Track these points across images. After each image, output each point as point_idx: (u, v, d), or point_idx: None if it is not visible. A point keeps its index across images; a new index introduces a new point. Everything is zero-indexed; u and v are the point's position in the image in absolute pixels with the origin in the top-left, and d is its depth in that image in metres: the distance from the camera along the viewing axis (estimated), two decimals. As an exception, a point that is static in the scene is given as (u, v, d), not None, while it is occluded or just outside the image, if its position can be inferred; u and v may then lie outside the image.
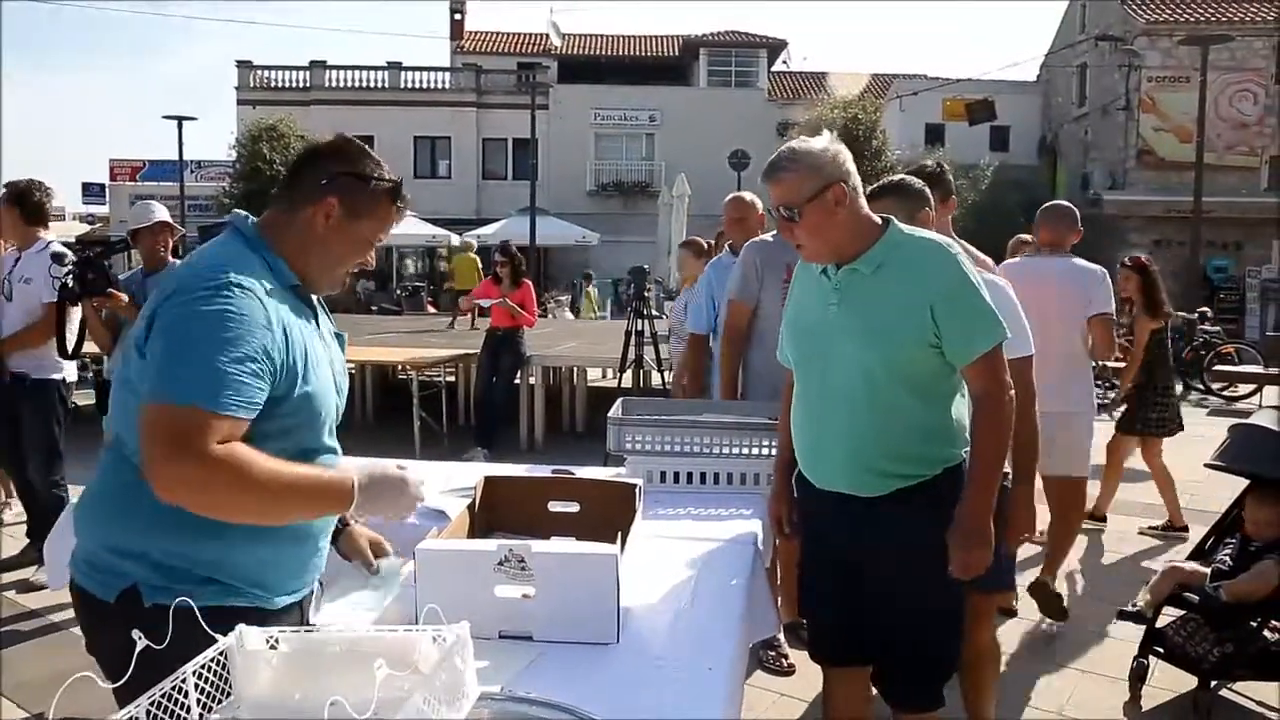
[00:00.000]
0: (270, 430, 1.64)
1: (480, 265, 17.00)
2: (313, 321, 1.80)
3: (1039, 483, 3.01)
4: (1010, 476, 2.74)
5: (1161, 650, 3.64)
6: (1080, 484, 4.52)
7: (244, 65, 31.20)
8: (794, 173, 2.20)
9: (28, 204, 4.80)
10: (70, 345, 4.56)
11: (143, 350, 1.62)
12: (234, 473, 1.52)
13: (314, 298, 1.85)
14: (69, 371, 4.98)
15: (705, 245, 6.94)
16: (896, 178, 3.02)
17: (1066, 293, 4.27)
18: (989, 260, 3.41)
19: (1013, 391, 2.27)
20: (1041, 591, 4.40)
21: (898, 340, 2.21)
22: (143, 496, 1.56)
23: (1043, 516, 5.90)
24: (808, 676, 3.75)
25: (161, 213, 4.65)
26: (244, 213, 1.83)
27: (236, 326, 1.57)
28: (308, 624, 1.82)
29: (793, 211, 2.20)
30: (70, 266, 4.31)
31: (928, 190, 2.84)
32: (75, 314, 4.95)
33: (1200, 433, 5.11)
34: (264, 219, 1.80)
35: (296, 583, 1.78)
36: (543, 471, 2.79)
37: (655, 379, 8.51)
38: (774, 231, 4.16)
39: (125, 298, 4.37)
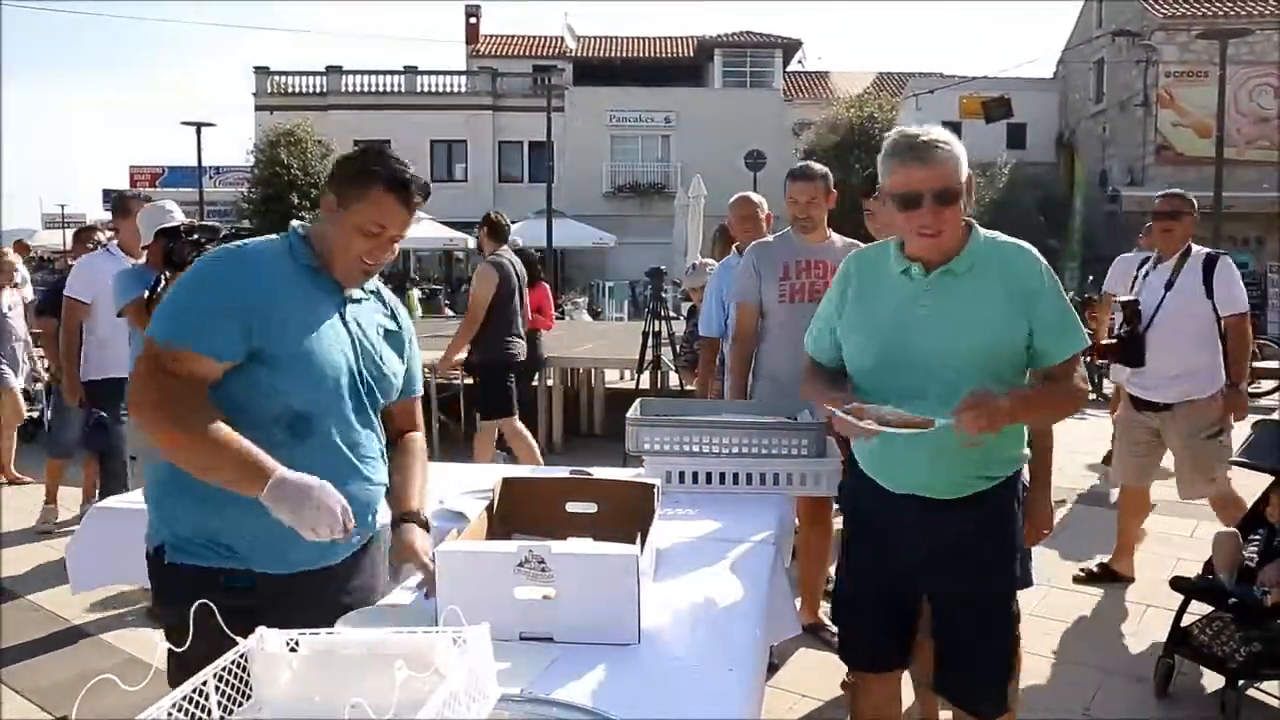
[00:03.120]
0: (259, 381, 1.86)
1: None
2: (334, 305, 1.98)
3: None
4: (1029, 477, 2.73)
5: (1187, 650, 3.60)
6: None
7: (261, 71, 31.38)
8: (953, 156, 2.15)
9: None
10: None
11: None
12: (160, 394, 1.80)
13: (363, 294, 2.06)
14: None
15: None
16: None
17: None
18: None
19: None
20: None
21: (995, 341, 2.21)
22: (165, 467, 1.89)
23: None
24: (828, 678, 3.74)
25: (180, 214, 4.61)
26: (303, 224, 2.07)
27: (213, 280, 1.86)
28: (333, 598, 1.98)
29: (949, 194, 2.14)
30: (198, 238, 4.32)
31: None
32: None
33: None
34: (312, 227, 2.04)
35: (308, 552, 1.91)
36: (560, 472, 2.79)
37: (673, 380, 8.50)
38: (779, 232, 4.17)
39: None
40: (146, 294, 4.33)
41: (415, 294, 21.48)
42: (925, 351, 2.21)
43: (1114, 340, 4.74)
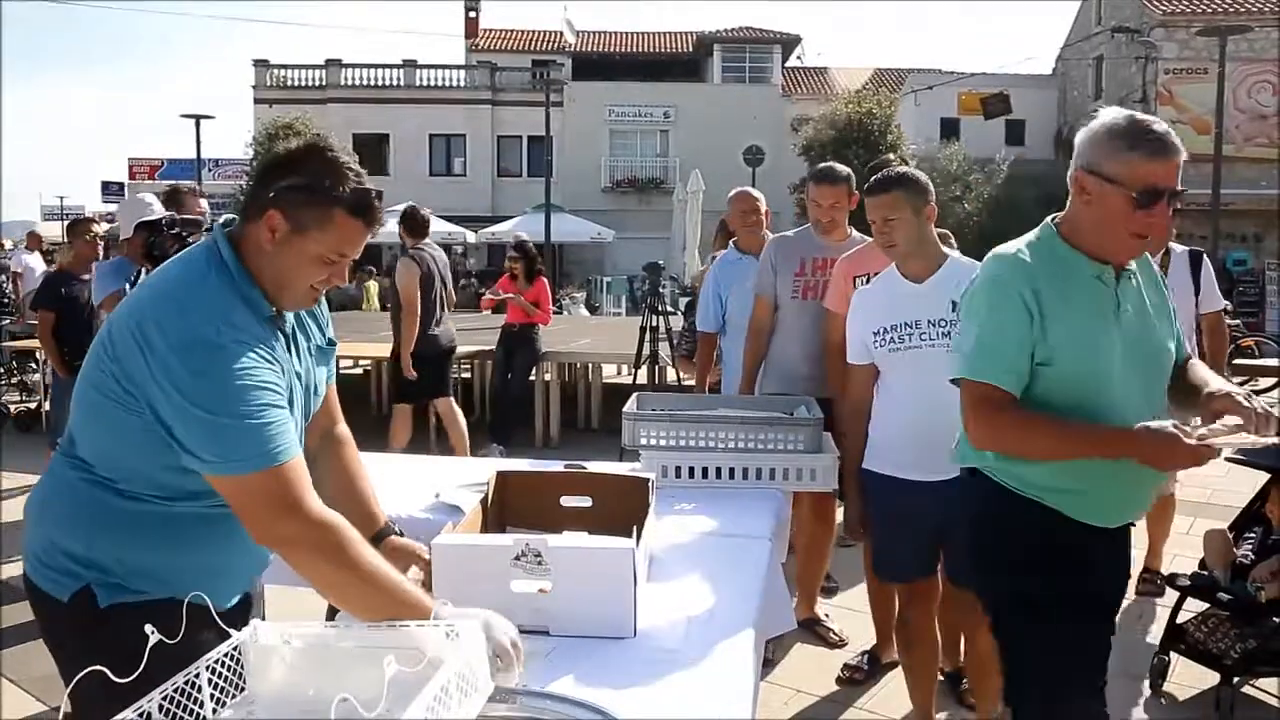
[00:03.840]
0: None
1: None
2: (284, 355, 1.74)
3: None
4: None
5: (1182, 647, 3.60)
6: None
7: (260, 64, 31.33)
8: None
9: None
10: None
11: (140, 397, 1.59)
12: (332, 536, 1.57)
13: (290, 322, 1.80)
14: None
15: None
16: (899, 170, 3.04)
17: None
18: None
19: None
20: None
21: (1174, 341, 2.18)
22: (88, 504, 1.66)
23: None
24: (824, 672, 3.74)
25: (160, 207, 4.40)
26: (223, 226, 1.74)
27: (256, 379, 1.58)
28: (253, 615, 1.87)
29: (1178, 195, 1.98)
30: (179, 231, 4.21)
31: (930, 184, 2.95)
32: None
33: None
34: (234, 233, 1.72)
35: (243, 584, 1.85)
36: (555, 466, 2.79)
37: (670, 375, 8.49)
38: (801, 227, 4.16)
39: None
40: (127, 287, 4.26)
41: (373, 285, 21.29)
42: (1140, 360, 2.06)
43: None
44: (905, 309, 2.91)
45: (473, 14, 35.88)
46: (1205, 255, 4.65)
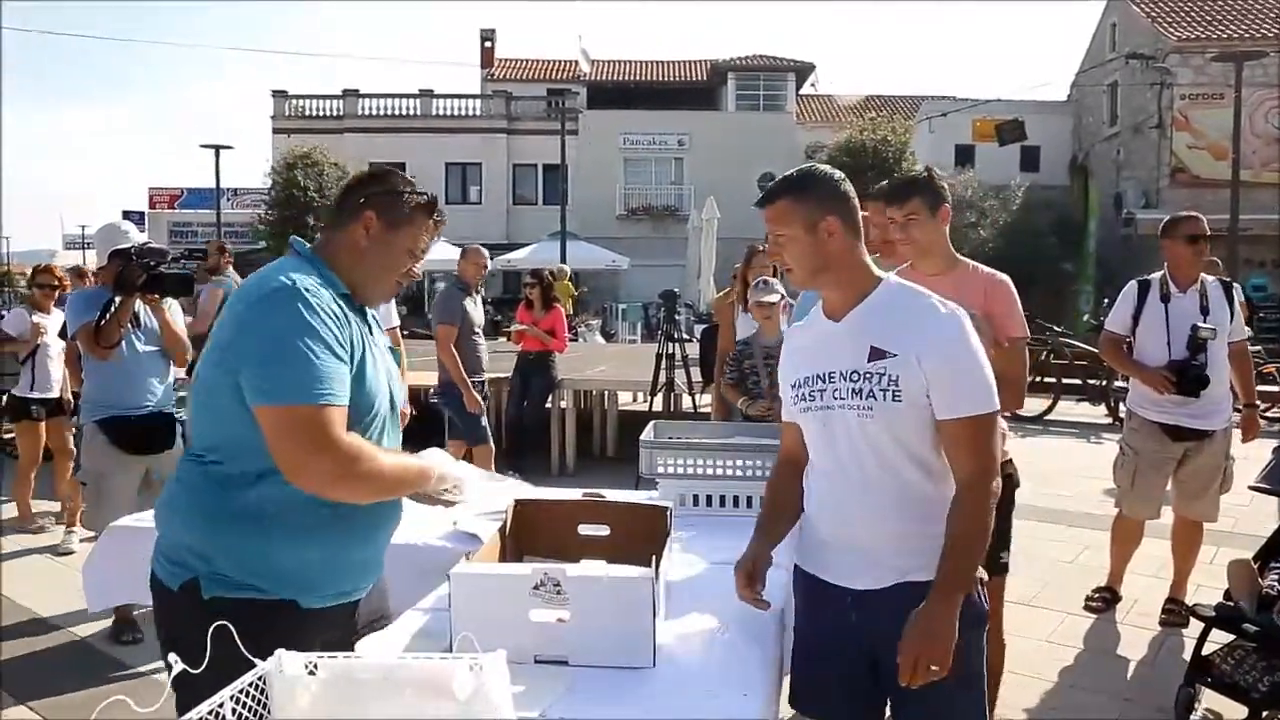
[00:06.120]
0: None
1: (574, 290, 17.49)
2: (368, 329, 1.98)
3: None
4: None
5: (1209, 679, 3.55)
6: None
7: (279, 94, 31.68)
8: None
9: None
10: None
11: (227, 359, 1.79)
12: (365, 461, 1.79)
13: (368, 314, 2.04)
14: None
15: None
16: (800, 170, 2.13)
17: None
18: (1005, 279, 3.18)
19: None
20: None
21: None
22: (208, 498, 1.82)
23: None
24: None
25: (136, 235, 4.46)
26: (300, 239, 2.05)
27: (317, 323, 1.78)
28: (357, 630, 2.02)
29: None
30: (147, 260, 4.27)
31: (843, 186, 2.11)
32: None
33: (1244, 454, 5.01)
34: (317, 242, 2.02)
35: (347, 585, 1.95)
36: (573, 495, 2.79)
37: (686, 402, 8.49)
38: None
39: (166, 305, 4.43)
40: (98, 316, 4.25)
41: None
42: None
43: (1178, 370, 4.40)
44: (821, 355, 2.11)
45: (489, 44, 36.24)
46: (1235, 283, 4.67)
